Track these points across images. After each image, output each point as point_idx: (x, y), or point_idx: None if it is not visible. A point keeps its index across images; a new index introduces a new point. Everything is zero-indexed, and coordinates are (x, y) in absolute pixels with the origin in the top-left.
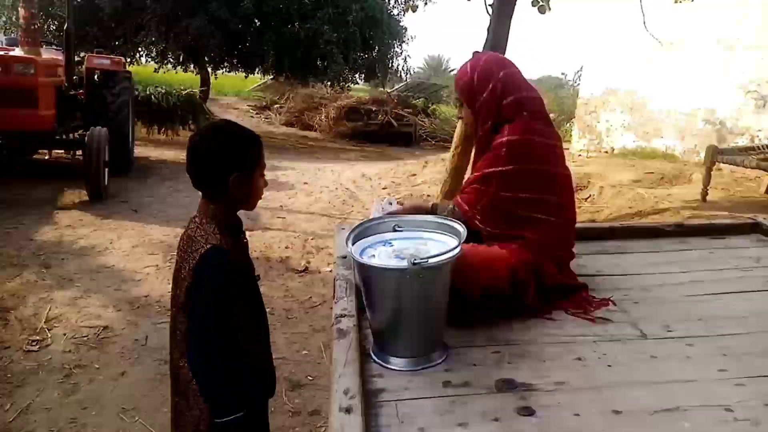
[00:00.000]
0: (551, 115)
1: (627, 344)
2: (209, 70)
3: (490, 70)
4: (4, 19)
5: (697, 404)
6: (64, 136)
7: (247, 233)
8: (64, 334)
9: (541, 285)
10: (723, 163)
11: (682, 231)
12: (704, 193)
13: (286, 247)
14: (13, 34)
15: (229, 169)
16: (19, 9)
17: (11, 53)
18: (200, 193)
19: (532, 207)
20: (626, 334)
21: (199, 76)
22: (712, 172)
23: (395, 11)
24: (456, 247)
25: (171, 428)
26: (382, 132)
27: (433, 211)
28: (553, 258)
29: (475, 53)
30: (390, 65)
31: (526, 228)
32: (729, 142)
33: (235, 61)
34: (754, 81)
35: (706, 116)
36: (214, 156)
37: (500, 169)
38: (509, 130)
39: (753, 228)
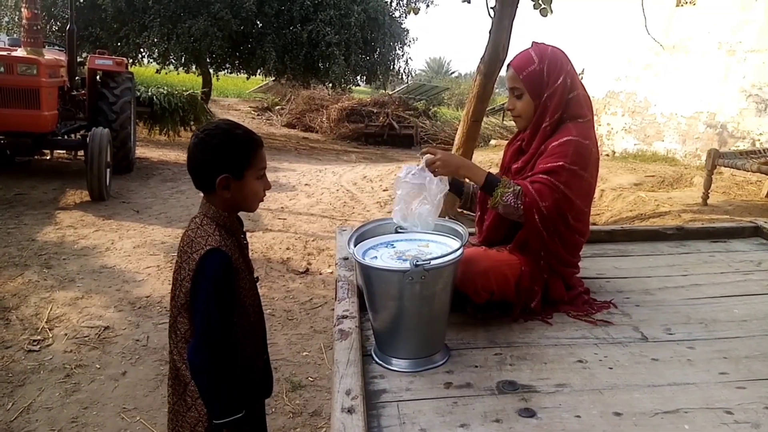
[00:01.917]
0: None
1: (628, 347)
2: (211, 71)
3: (560, 61)
4: (6, 19)
5: (697, 407)
6: (66, 137)
7: (248, 234)
8: (65, 334)
9: (549, 300)
10: (724, 166)
11: (682, 234)
12: (705, 197)
13: (287, 249)
14: (15, 35)
15: (217, 170)
16: (22, 9)
17: (14, 53)
18: (201, 193)
19: (577, 217)
20: (627, 337)
21: (200, 77)
22: (713, 176)
23: (397, 13)
24: (458, 249)
25: (168, 429)
26: (383, 134)
27: (487, 181)
28: (566, 272)
29: (534, 41)
30: (391, 67)
31: (560, 238)
32: (730, 146)
33: (236, 62)
34: (755, 85)
35: (707, 120)
36: (204, 156)
37: (568, 165)
38: (576, 131)
39: (754, 232)
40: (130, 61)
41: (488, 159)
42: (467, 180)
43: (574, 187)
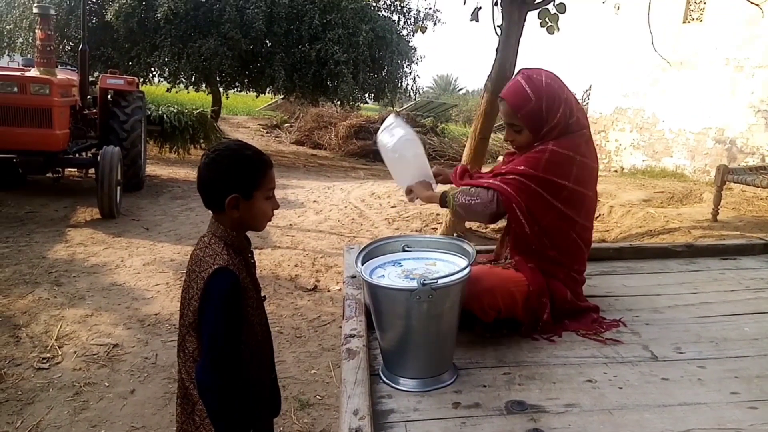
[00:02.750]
0: None
1: (638, 366)
2: (221, 89)
3: (556, 93)
4: (20, 40)
5: (708, 427)
6: (77, 155)
7: (257, 251)
8: (75, 352)
9: (554, 308)
10: (733, 182)
11: (692, 252)
12: (715, 213)
13: (296, 266)
14: (29, 55)
15: (226, 189)
16: (36, 30)
17: (27, 74)
18: (211, 212)
19: (561, 219)
20: (637, 356)
21: (210, 95)
22: (722, 192)
23: (404, 32)
24: (465, 267)
25: None
26: None
27: (441, 198)
28: (566, 277)
29: (525, 71)
30: (399, 85)
31: (549, 236)
32: (739, 162)
33: (246, 81)
34: (764, 101)
35: (715, 136)
36: (214, 176)
37: (540, 174)
38: (555, 143)
39: (764, 249)
40: (141, 80)
41: None
42: None
43: (554, 193)
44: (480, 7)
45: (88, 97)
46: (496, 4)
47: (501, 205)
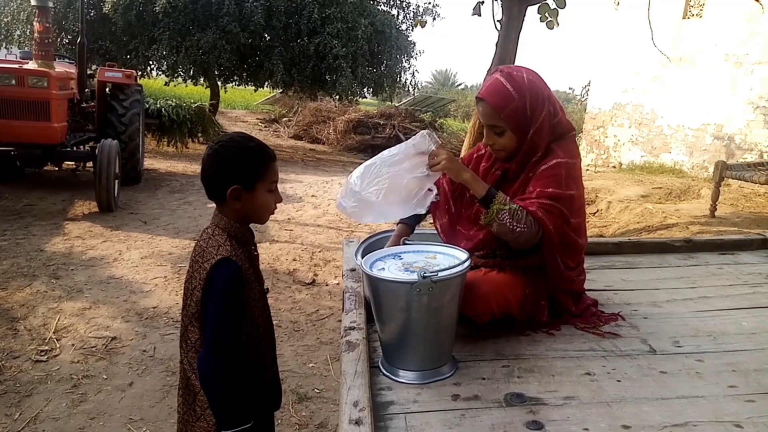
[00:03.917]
0: None
1: (636, 359)
2: (219, 83)
3: (539, 90)
4: (18, 32)
5: (706, 420)
6: (75, 148)
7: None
8: (73, 345)
9: (555, 308)
10: (732, 178)
11: (690, 246)
12: (713, 209)
13: (294, 260)
14: (27, 48)
15: (229, 181)
16: (34, 23)
17: (25, 66)
18: (211, 204)
19: (577, 232)
20: (635, 350)
21: (208, 89)
22: (720, 188)
23: (403, 26)
24: (466, 260)
25: None
26: (390, 146)
27: (488, 194)
28: (577, 285)
29: (503, 69)
30: (398, 79)
31: (572, 260)
32: (737, 158)
33: (244, 74)
34: (763, 97)
35: (714, 132)
36: (217, 167)
37: (566, 192)
38: (563, 151)
39: (762, 244)
40: (139, 73)
41: None
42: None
43: (572, 209)
44: (482, 2)
45: (86, 90)
46: None
47: (540, 241)
